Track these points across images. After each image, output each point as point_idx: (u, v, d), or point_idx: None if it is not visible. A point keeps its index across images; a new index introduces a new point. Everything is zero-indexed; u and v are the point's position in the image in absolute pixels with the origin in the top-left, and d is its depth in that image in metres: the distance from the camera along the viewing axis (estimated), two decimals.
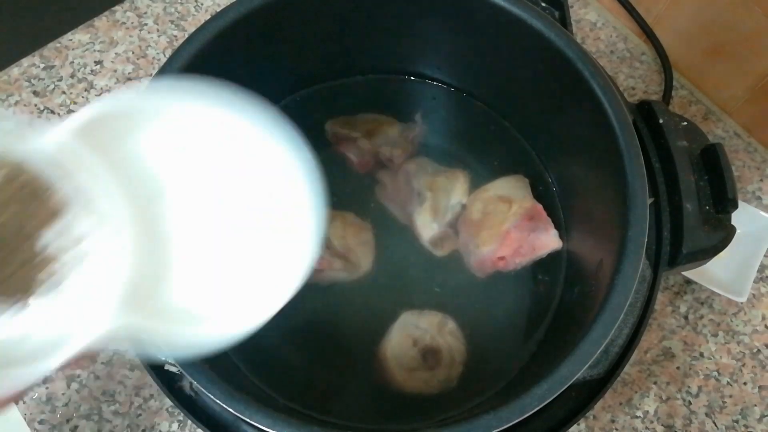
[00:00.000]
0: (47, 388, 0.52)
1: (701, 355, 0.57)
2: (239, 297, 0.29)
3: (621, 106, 0.43)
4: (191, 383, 0.40)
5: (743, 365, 0.57)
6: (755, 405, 0.55)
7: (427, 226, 0.51)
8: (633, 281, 0.38)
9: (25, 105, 0.63)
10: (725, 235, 0.44)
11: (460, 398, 0.46)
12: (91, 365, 0.25)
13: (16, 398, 0.27)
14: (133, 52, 0.67)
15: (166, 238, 0.28)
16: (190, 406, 0.40)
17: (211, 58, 0.44)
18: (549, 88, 0.49)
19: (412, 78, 0.57)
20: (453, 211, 0.52)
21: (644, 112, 0.47)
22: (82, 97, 0.64)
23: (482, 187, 0.52)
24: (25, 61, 0.65)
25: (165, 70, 0.42)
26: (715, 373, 0.56)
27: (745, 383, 0.56)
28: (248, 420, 0.35)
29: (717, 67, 0.65)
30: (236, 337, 0.27)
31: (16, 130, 0.25)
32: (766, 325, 0.58)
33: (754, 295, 0.59)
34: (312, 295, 0.50)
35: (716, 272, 0.57)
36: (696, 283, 0.58)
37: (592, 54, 0.46)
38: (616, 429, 0.54)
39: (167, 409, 0.52)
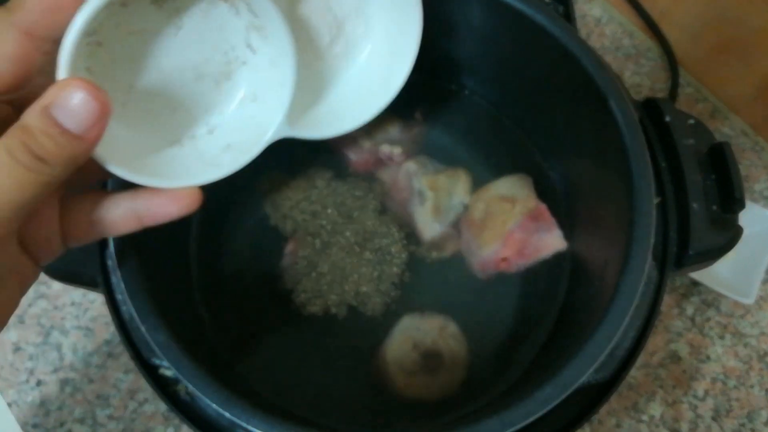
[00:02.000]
0: (41, 391, 0.52)
1: (708, 357, 0.56)
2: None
3: (627, 104, 0.42)
4: (186, 387, 0.39)
5: (750, 368, 0.56)
6: (762, 408, 0.54)
7: (428, 226, 0.50)
8: (639, 283, 0.37)
9: None
10: (732, 235, 0.43)
11: (462, 402, 0.45)
12: None
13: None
14: None
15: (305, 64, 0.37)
16: (186, 410, 0.39)
17: None
18: (552, 84, 0.48)
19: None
20: (455, 211, 0.51)
21: (650, 109, 0.46)
22: None
23: (484, 187, 0.52)
24: None
25: None
26: (722, 377, 0.55)
27: (752, 386, 0.55)
28: (245, 425, 0.34)
29: (724, 64, 0.64)
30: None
31: None
32: None
33: (761, 296, 0.58)
34: None
35: (723, 273, 0.57)
36: (702, 284, 0.57)
37: (597, 50, 0.45)
38: None
39: (162, 414, 0.51)
